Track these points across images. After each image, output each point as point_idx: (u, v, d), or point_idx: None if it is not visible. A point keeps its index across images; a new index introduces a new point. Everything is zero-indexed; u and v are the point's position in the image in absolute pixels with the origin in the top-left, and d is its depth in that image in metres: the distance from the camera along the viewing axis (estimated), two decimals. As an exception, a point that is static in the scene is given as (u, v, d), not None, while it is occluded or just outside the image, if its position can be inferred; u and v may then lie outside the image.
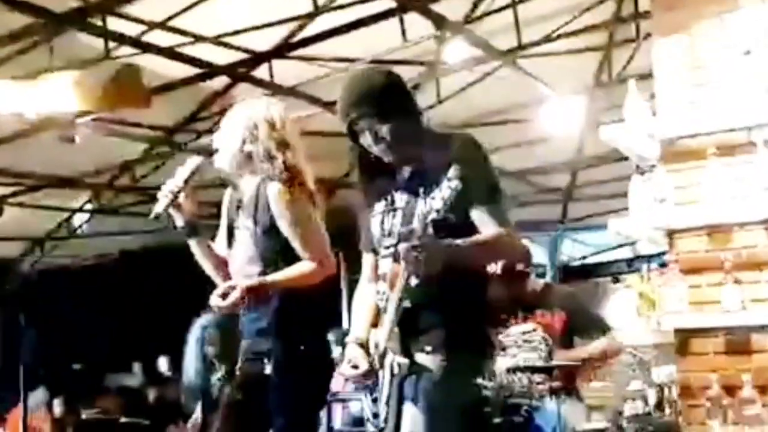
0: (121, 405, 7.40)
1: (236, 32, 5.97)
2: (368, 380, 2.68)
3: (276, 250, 3.21)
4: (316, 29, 6.14)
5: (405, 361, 2.61)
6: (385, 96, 2.69)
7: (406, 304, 2.60)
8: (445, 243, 2.51)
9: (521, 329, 4.37)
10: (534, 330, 4.35)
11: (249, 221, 3.26)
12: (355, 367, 2.69)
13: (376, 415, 2.65)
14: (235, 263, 3.32)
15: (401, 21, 6.00)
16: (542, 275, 7.13)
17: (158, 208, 3.24)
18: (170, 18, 5.79)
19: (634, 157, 3.86)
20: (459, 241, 2.56)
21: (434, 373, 2.61)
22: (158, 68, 6.07)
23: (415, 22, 6.04)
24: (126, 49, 5.71)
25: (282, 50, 6.31)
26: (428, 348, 2.63)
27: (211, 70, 6.09)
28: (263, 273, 3.20)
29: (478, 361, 2.68)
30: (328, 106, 6.55)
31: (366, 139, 2.70)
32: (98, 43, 5.59)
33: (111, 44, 5.61)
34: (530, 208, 9.46)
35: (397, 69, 6.50)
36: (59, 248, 8.97)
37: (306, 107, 6.67)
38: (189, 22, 5.87)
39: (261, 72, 6.53)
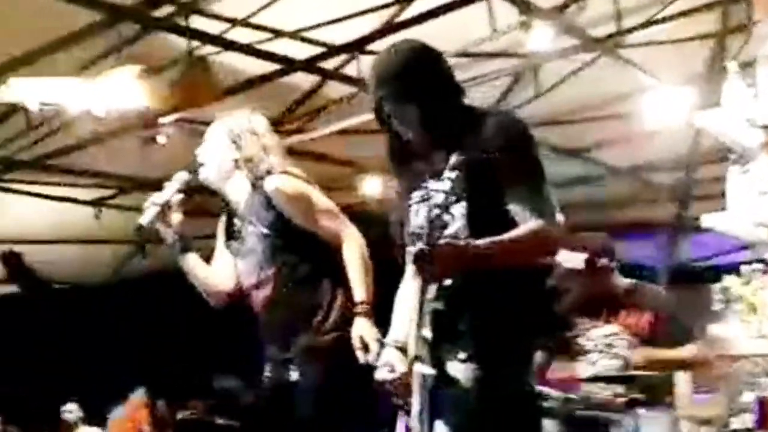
0: (212, 407, 7.38)
1: (318, 25, 5.80)
2: (404, 388, 2.40)
3: (287, 245, 3.12)
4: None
5: (430, 371, 2.32)
6: (411, 73, 2.43)
7: (438, 306, 2.34)
8: (460, 245, 2.25)
9: (603, 332, 4.00)
10: (617, 333, 3.97)
11: (251, 226, 3.18)
12: (392, 371, 2.44)
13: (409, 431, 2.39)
14: (247, 276, 3.23)
15: (490, 11, 5.71)
16: (651, 278, 6.71)
17: (143, 219, 3.16)
18: (253, 14, 5.70)
19: (733, 145, 3.50)
20: (480, 242, 2.28)
21: (467, 384, 2.34)
22: (245, 66, 6.00)
23: (505, 10, 5.76)
24: (209, 48, 5.65)
25: (366, 44, 6.11)
26: (461, 356, 2.36)
27: (293, 67, 5.95)
28: (278, 272, 3.11)
29: (519, 370, 2.39)
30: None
31: (395, 122, 2.47)
32: (180, 41, 5.53)
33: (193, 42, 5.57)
34: (641, 207, 8.98)
35: (489, 62, 6.37)
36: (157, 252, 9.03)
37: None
38: (271, 17, 5.77)
39: (349, 68, 6.37)
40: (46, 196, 7.19)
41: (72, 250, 8.26)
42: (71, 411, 8.40)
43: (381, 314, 2.82)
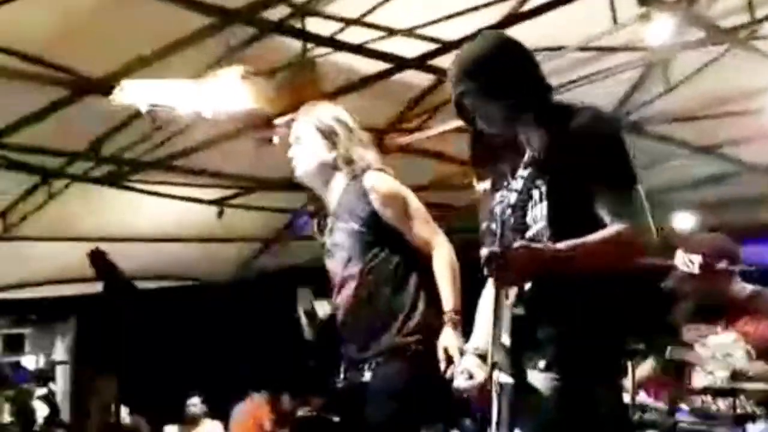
0: (326, 404, 7.41)
1: (433, 22, 5.68)
2: (483, 396, 2.30)
3: (376, 242, 3.07)
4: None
5: (508, 379, 2.20)
6: (494, 67, 2.33)
7: (518, 311, 2.23)
8: (536, 248, 2.13)
9: (721, 340, 3.73)
10: (735, 341, 3.69)
11: (342, 222, 3.13)
12: (470, 379, 2.34)
13: None
14: (334, 273, 3.21)
15: (611, 3, 5.45)
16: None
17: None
18: (367, 13, 5.64)
19: None
20: (559, 245, 2.16)
21: (547, 394, 2.20)
22: (359, 65, 5.95)
23: (628, 2, 5.48)
24: (322, 48, 5.62)
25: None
26: (541, 364, 2.22)
27: (405, 65, 5.85)
28: (364, 269, 3.06)
29: (604, 380, 2.25)
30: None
31: (477, 119, 2.38)
32: (293, 43, 5.53)
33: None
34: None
35: (614, 56, 6.08)
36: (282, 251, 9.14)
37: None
38: (385, 16, 5.69)
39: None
40: (171, 196, 7.37)
41: (196, 249, 8.46)
42: (195, 405, 8.63)
43: (466, 320, 2.71)
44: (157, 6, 4.81)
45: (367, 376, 3.00)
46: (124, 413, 8.42)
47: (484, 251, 2.12)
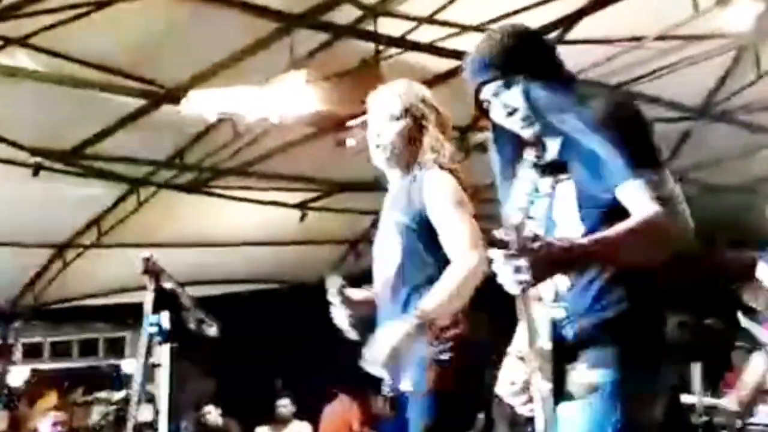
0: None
1: (505, 16, 5.57)
2: (527, 401, 2.21)
3: (419, 240, 2.86)
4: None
5: (547, 385, 2.09)
6: (513, 57, 2.19)
7: (558, 314, 2.12)
8: (558, 246, 1.96)
9: None
10: None
11: (397, 213, 2.92)
12: (513, 384, 2.25)
13: None
14: (377, 264, 3.00)
15: (691, -11, 5.27)
16: None
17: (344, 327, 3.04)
18: (438, 11, 5.59)
19: None
20: (584, 240, 2.02)
21: (589, 398, 2.08)
22: (433, 63, 5.90)
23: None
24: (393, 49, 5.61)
25: (554, 32, 5.81)
26: (584, 365, 2.11)
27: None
28: (400, 270, 2.87)
29: (648, 381, 2.11)
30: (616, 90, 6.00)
31: (496, 113, 2.23)
32: (364, 44, 5.53)
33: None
34: None
35: (696, 45, 5.85)
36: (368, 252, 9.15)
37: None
38: (457, 13, 5.63)
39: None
40: (253, 201, 7.46)
41: (284, 252, 8.55)
42: (285, 406, 8.70)
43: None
44: (229, 14, 4.89)
45: (407, 384, 2.81)
46: (216, 415, 8.57)
47: (497, 254, 1.94)
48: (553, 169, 2.20)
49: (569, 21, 5.80)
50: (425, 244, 2.88)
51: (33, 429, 7.04)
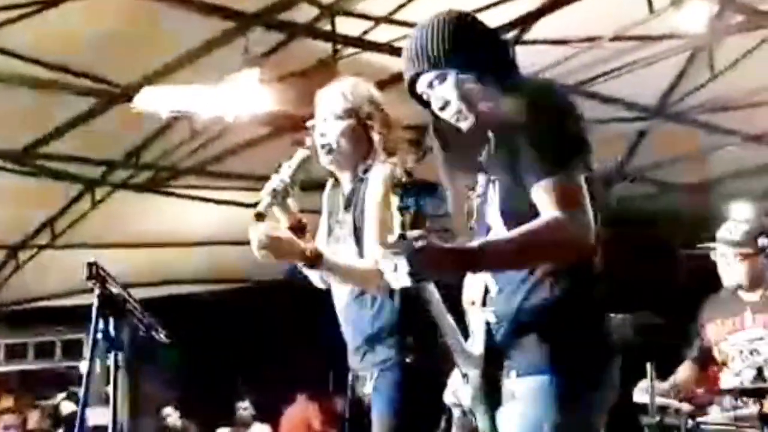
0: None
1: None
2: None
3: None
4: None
5: (467, 389, 2.09)
6: (451, 44, 2.08)
7: (489, 318, 2.08)
8: (437, 247, 1.93)
9: (748, 336, 3.55)
10: (762, 338, 3.51)
11: (348, 215, 2.85)
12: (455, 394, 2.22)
13: None
14: None
15: (646, -12, 5.29)
16: None
17: (261, 206, 2.83)
18: (396, 10, 5.57)
19: None
20: (475, 243, 1.99)
21: (525, 401, 2.03)
22: (393, 63, 5.87)
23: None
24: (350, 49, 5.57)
25: (514, 30, 5.81)
26: (518, 371, 2.06)
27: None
28: None
29: (588, 378, 2.05)
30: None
31: (433, 104, 2.13)
32: (319, 44, 5.49)
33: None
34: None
35: (652, 46, 5.88)
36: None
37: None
38: (415, 12, 5.61)
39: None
40: (211, 200, 7.39)
41: (244, 252, 8.45)
42: (245, 408, 8.64)
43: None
44: (185, 13, 4.82)
45: (368, 388, 2.77)
46: (176, 417, 8.49)
47: (384, 250, 1.92)
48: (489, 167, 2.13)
49: (527, 21, 5.81)
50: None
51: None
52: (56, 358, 10.56)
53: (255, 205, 2.83)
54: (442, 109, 2.12)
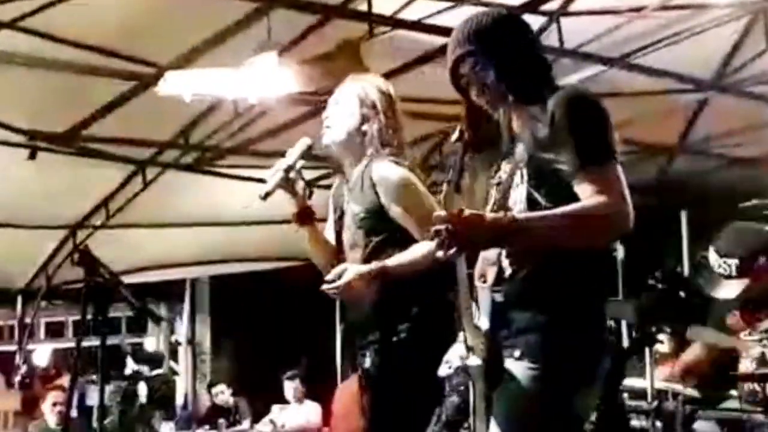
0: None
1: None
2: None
3: (381, 234, 2.92)
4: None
5: (476, 362, 2.12)
6: (494, 35, 2.27)
7: (498, 297, 2.16)
8: (486, 216, 2.04)
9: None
10: None
11: (353, 204, 2.99)
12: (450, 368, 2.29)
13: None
14: (346, 250, 3.07)
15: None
16: None
17: (267, 187, 3.07)
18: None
19: None
20: (519, 215, 2.09)
21: (524, 384, 2.11)
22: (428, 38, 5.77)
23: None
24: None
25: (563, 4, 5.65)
26: (516, 353, 2.14)
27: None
28: (366, 259, 2.92)
29: (583, 371, 2.13)
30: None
31: (471, 90, 2.30)
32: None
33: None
34: None
35: (700, 15, 5.65)
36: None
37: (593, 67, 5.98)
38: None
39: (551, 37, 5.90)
40: (259, 180, 7.40)
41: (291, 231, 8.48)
42: (295, 387, 8.70)
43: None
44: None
45: (368, 362, 2.91)
46: (227, 394, 8.61)
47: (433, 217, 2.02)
48: (514, 156, 2.23)
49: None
50: (378, 232, 2.95)
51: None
52: (121, 333, 10.86)
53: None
54: (481, 94, 2.27)
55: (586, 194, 2.08)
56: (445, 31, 5.37)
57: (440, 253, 2.00)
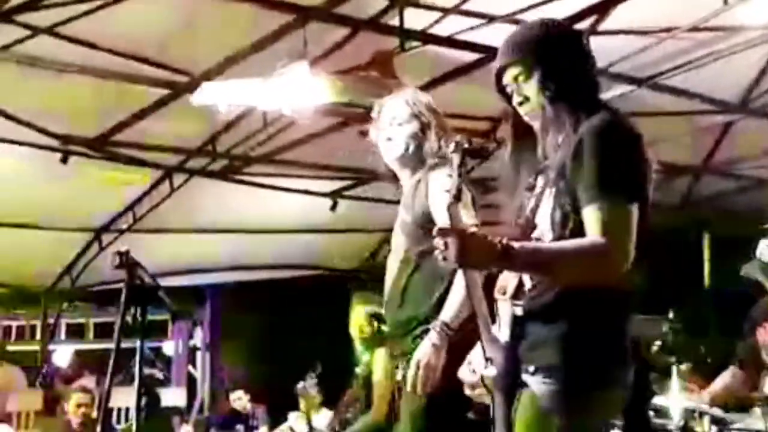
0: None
1: (533, 6, 5.45)
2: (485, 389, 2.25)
3: (423, 241, 2.95)
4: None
5: (491, 372, 2.14)
6: (537, 46, 2.24)
7: (518, 311, 2.17)
8: (487, 240, 2.03)
9: None
10: None
11: (404, 212, 3.10)
12: (473, 372, 2.31)
13: None
14: (391, 258, 3.19)
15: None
16: None
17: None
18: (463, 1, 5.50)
19: None
20: (517, 244, 2.07)
21: (537, 399, 2.11)
22: (458, 54, 5.81)
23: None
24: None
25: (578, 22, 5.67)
26: (531, 368, 2.14)
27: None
28: (404, 263, 3.06)
29: (594, 390, 2.12)
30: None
31: (514, 98, 2.29)
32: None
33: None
34: None
35: (731, 37, 5.67)
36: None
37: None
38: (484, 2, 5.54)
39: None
40: (285, 189, 7.48)
41: (316, 240, 8.56)
42: (314, 395, 8.70)
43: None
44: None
45: (400, 374, 3.03)
46: (245, 400, 8.63)
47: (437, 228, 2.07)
48: (548, 171, 2.22)
49: (602, 10, 5.67)
50: (421, 242, 3.01)
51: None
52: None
53: (329, 194, 3.12)
54: (521, 104, 2.24)
55: (589, 231, 2.07)
56: (476, 47, 5.53)
57: (440, 261, 2.05)
